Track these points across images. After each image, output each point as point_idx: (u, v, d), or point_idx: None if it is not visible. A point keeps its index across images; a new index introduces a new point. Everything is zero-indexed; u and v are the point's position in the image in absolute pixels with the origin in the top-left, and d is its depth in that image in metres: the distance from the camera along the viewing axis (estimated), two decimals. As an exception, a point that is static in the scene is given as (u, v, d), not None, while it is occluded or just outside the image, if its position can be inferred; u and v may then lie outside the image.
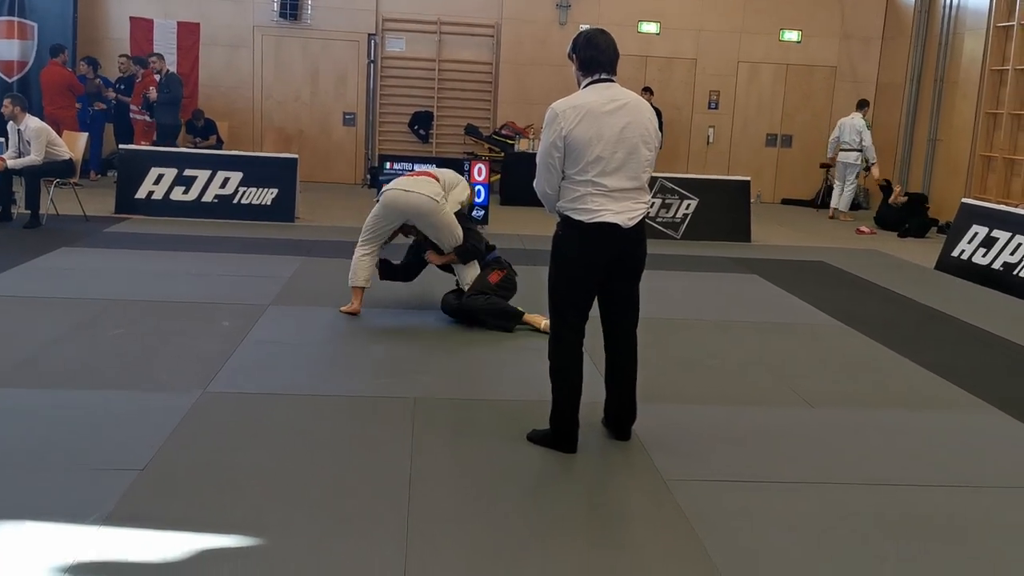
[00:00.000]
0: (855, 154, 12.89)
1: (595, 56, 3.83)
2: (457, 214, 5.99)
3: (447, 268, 6.24)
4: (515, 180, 12.27)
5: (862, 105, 13.11)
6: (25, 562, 2.85)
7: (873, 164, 12.89)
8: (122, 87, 12.82)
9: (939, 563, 3.18)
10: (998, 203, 10.41)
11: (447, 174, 6.14)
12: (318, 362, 5.11)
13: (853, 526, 3.42)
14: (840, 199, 13.24)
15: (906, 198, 12.34)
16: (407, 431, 4.12)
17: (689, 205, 10.68)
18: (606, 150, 3.74)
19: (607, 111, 3.75)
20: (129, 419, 4.09)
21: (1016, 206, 9.82)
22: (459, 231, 5.94)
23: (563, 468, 3.83)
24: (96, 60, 12.88)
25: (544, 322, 5.57)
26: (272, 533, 3.12)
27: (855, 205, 13.77)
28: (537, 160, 3.87)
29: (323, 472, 3.64)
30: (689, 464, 3.91)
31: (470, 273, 6.07)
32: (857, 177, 13.22)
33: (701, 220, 10.67)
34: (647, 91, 13.30)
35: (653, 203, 10.52)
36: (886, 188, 12.73)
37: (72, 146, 9.65)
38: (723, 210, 10.77)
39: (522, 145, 13.18)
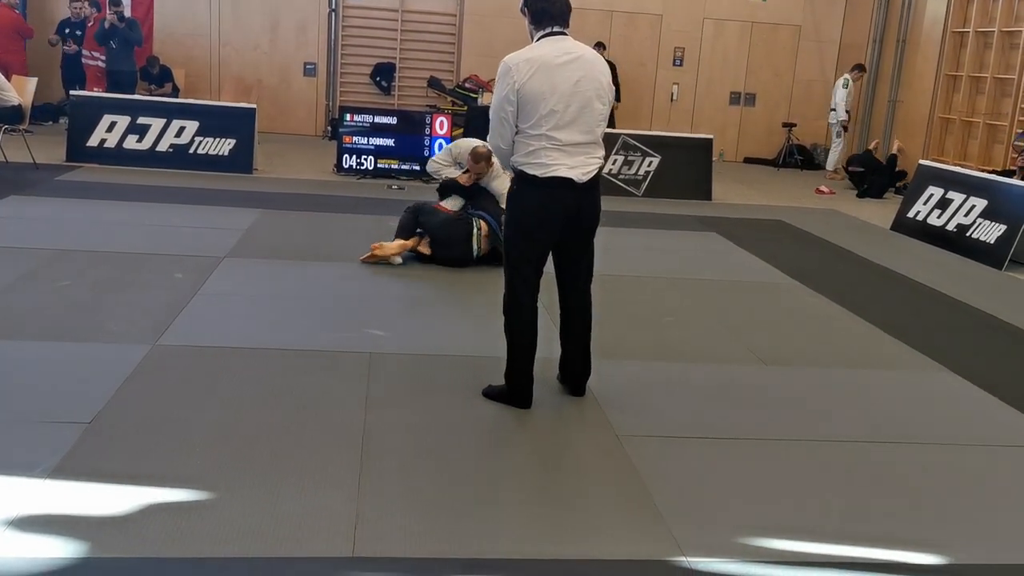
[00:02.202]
0: (834, 113, 13.10)
1: (547, 8, 3.78)
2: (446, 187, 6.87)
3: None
4: (478, 134, 12.03)
5: (855, 68, 13.28)
6: (-33, 515, 2.81)
7: (843, 121, 13.10)
8: (79, 33, 12.43)
9: (885, 516, 3.25)
10: (955, 165, 10.52)
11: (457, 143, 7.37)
12: (273, 316, 5.05)
13: (801, 481, 3.48)
14: (830, 159, 13.53)
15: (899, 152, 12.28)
16: (362, 385, 4.10)
17: (651, 162, 10.67)
18: (559, 103, 3.70)
19: (560, 64, 3.71)
20: (77, 372, 4.02)
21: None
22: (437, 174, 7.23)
23: (518, 423, 3.84)
24: None
25: (383, 250, 6.21)
26: (223, 487, 3.10)
27: (818, 165, 13.92)
28: (491, 114, 3.82)
29: (275, 426, 3.62)
30: (642, 420, 3.95)
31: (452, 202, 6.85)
32: (840, 137, 13.32)
33: (663, 178, 10.67)
34: (599, 46, 13.16)
35: (615, 160, 10.50)
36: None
37: (21, 91, 9.37)
38: (685, 168, 10.77)
39: (485, 99, 13.02)
